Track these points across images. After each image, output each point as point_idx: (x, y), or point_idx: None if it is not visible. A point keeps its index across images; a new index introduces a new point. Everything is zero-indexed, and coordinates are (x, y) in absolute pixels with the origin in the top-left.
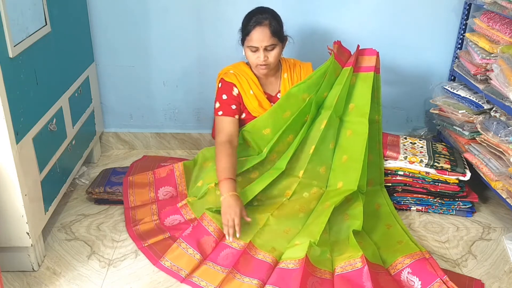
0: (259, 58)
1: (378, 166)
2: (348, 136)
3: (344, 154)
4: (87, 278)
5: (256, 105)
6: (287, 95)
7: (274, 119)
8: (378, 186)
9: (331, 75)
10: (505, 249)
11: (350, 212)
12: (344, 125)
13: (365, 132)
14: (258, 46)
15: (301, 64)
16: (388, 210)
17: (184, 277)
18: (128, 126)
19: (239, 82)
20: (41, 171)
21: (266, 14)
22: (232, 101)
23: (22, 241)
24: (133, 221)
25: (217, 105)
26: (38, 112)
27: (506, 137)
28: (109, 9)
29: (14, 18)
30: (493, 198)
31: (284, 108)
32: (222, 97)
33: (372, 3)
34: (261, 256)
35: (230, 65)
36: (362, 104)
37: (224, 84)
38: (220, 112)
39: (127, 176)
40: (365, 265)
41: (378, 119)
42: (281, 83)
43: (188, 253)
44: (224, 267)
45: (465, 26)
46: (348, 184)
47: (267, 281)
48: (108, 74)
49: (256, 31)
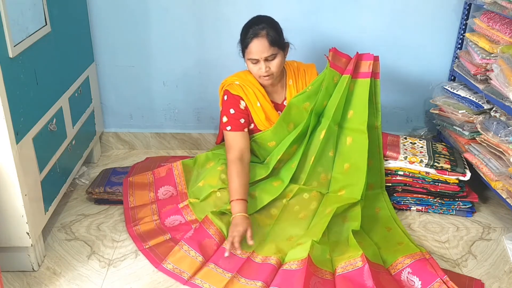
0: (261, 70)
1: (378, 170)
2: (349, 144)
3: (346, 162)
4: (87, 278)
5: (263, 119)
6: (288, 106)
7: (279, 133)
8: (379, 189)
9: (329, 83)
10: (505, 249)
11: (348, 214)
12: (343, 132)
13: (365, 141)
14: (258, 58)
15: (305, 68)
16: (388, 214)
17: (186, 279)
18: (128, 126)
19: (245, 94)
20: (41, 171)
21: (262, 24)
22: (240, 115)
23: (22, 241)
24: (133, 221)
25: (224, 119)
26: (38, 112)
27: (506, 137)
28: (109, 9)
29: (14, 18)
30: (493, 198)
31: (287, 121)
32: (229, 111)
33: (372, 3)
34: (265, 260)
35: (234, 75)
36: (360, 111)
37: (230, 97)
38: (229, 127)
39: (128, 177)
40: (365, 264)
41: (377, 125)
42: (286, 90)
43: (190, 256)
44: (227, 271)
45: (465, 26)
46: (351, 193)
47: (271, 283)
48: (108, 74)
49: (254, 43)
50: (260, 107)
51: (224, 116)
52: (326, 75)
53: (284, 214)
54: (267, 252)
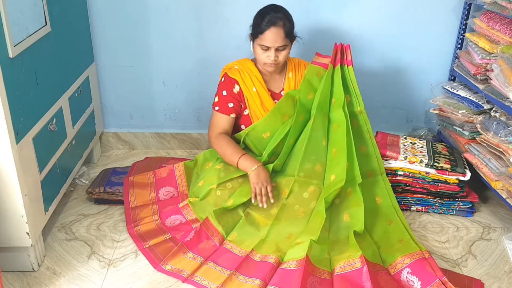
0: (270, 58)
1: (374, 155)
2: (335, 130)
3: (334, 147)
4: (87, 278)
5: (258, 104)
6: (285, 97)
7: (273, 122)
8: (379, 175)
9: (311, 77)
10: (505, 249)
11: (351, 211)
12: (330, 120)
13: (342, 121)
14: (270, 46)
15: (306, 64)
16: (390, 203)
17: (186, 277)
18: (128, 126)
19: (242, 79)
20: (41, 171)
21: (280, 13)
22: (231, 99)
23: (22, 241)
24: (134, 221)
25: (216, 99)
26: (38, 112)
27: (506, 137)
28: (109, 9)
29: (14, 18)
30: (493, 198)
31: (282, 111)
32: (222, 93)
33: (372, 3)
34: (264, 258)
35: (235, 61)
36: (338, 96)
37: (227, 80)
38: (217, 108)
39: (128, 177)
40: (364, 265)
41: (360, 110)
42: (285, 81)
43: (188, 257)
44: (226, 268)
45: (465, 26)
46: (339, 175)
47: (269, 281)
48: (108, 74)
49: (270, 31)
50: (256, 92)
51: (216, 96)
52: (308, 70)
53: (284, 214)
54: (266, 250)
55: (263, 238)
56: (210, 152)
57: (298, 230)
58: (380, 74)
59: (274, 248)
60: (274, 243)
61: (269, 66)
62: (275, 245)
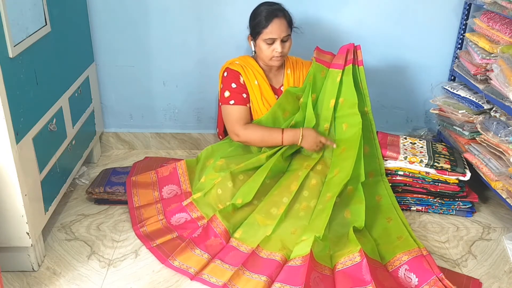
0: (277, 49)
1: (376, 156)
2: (345, 130)
3: (343, 145)
4: (87, 278)
5: (259, 97)
6: (285, 93)
7: (274, 119)
8: (379, 176)
9: (316, 76)
10: (505, 249)
11: (352, 208)
12: (338, 120)
13: (359, 122)
14: (276, 38)
15: (303, 62)
16: (389, 202)
17: (193, 274)
18: (128, 126)
19: (244, 72)
20: (41, 171)
21: (276, 5)
22: (242, 89)
23: (22, 241)
24: (140, 221)
25: (226, 94)
26: (38, 112)
27: (506, 137)
28: (109, 9)
29: (14, 18)
30: (493, 198)
31: (283, 108)
32: (231, 85)
33: (372, 3)
34: (269, 255)
35: (235, 58)
36: (349, 96)
37: (230, 73)
38: (232, 101)
39: (130, 177)
40: (363, 258)
41: (367, 110)
42: (284, 77)
43: (196, 254)
44: (233, 266)
45: (465, 26)
46: (343, 170)
47: (275, 278)
48: (108, 74)
49: (274, 23)
50: (257, 85)
51: (226, 91)
52: (313, 68)
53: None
54: (272, 247)
55: (268, 234)
56: (212, 149)
57: (302, 224)
58: (380, 74)
59: (280, 245)
60: (280, 240)
61: (276, 60)
62: (281, 241)
